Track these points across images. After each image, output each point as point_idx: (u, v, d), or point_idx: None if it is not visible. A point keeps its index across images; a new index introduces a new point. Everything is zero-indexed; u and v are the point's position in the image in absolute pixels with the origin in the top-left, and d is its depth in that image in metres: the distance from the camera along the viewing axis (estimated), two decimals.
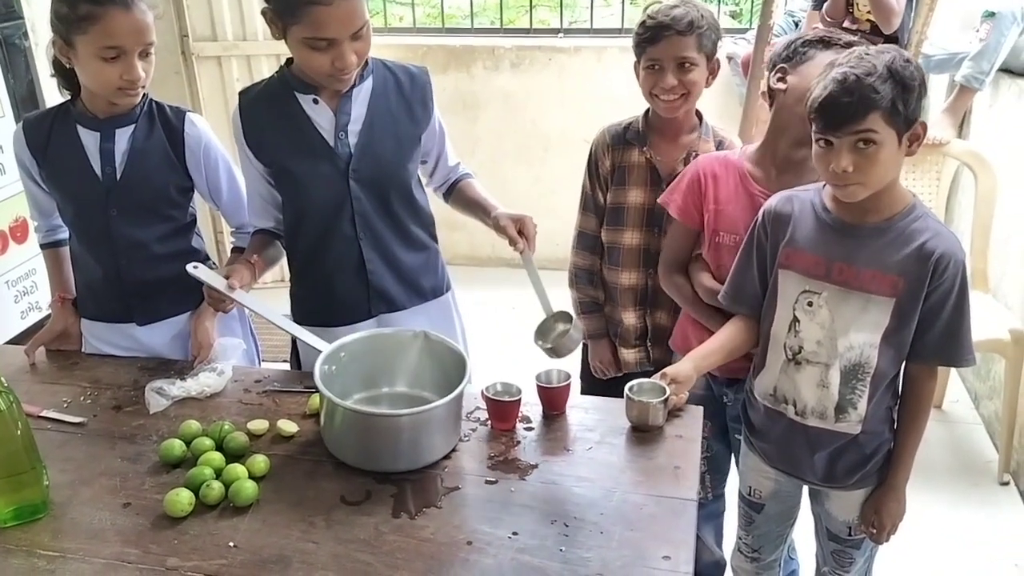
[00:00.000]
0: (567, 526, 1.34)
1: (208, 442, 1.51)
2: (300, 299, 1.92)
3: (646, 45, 1.86)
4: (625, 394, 1.57)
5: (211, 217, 3.77)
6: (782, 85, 1.71)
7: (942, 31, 3.38)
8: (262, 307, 1.69)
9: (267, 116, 1.75)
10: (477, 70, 4.14)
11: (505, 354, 2.51)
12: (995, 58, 3.02)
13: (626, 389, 1.57)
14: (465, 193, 1.92)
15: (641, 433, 1.56)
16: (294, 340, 1.92)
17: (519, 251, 1.69)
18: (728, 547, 2.11)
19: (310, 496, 1.42)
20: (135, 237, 1.80)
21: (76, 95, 1.78)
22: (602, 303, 2.11)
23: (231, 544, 1.32)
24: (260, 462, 1.47)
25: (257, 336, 2.11)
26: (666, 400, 1.55)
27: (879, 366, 1.54)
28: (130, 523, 1.38)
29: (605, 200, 2.03)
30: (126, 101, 1.72)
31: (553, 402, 1.63)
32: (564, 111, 4.04)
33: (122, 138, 1.76)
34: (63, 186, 1.81)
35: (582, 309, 2.12)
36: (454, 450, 1.53)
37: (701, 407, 1.64)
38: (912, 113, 1.43)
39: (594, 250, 2.08)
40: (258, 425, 1.59)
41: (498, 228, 1.72)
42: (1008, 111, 3.10)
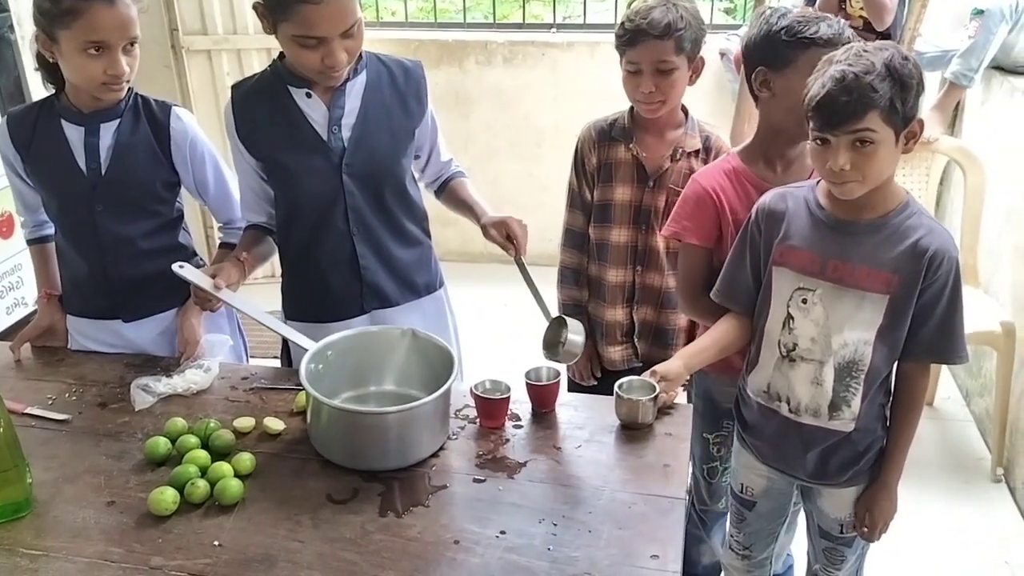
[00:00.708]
0: (555, 525, 1.33)
1: (194, 440, 1.50)
2: (292, 294, 1.91)
3: (625, 48, 1.84)
4: (615, 392, 1.56)
5: (201, 212, 3.75)
6: (767, 93, 1.66)
7: (935, 28, 3.38)
8: (249, 306, 1.68)
9: (260, 110, 1.74)
10: (470, 65, 4.12)
11: (497, 351, 2.50)
12: (984, 55, 3.02)
13: (616, 387, 1.57)
14: (456, 193, 1.91)
15: (630, 431, 1.55)
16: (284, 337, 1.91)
17: (512, 256, 1.68)
18: None
19: (296, 495, 1.41)
20: (121, 233, 1.79)
21: (60, 89, 1.76)
22: (585, 305, 2.10)
23: (216, 543, 1.31)
24: (246, 460, 1.45)
25: (245, 333, 2.09)
26: (656, 398, 1.54)
27: (873, 363, 1.54)
28: (114, 522, 1.36)
29: (592, 197, 2.02)
30: (110, 96, 1.70)
31: (542, 400, 1.62)
32: (557, 106, 4.02)
33: (107, 133, 1.74)
34: (48, 182, 1.79)
35: (564, 312, 2.10)
36: (442, 448, 1.52)
37: (691, 405, 1.63)
38: (910, 111, 1.42)
39: (582, 248, 2.07)
40: (244, 423, 1.57)
41: (487, 237, 1.72)
42: (1000, 108, 3.10)
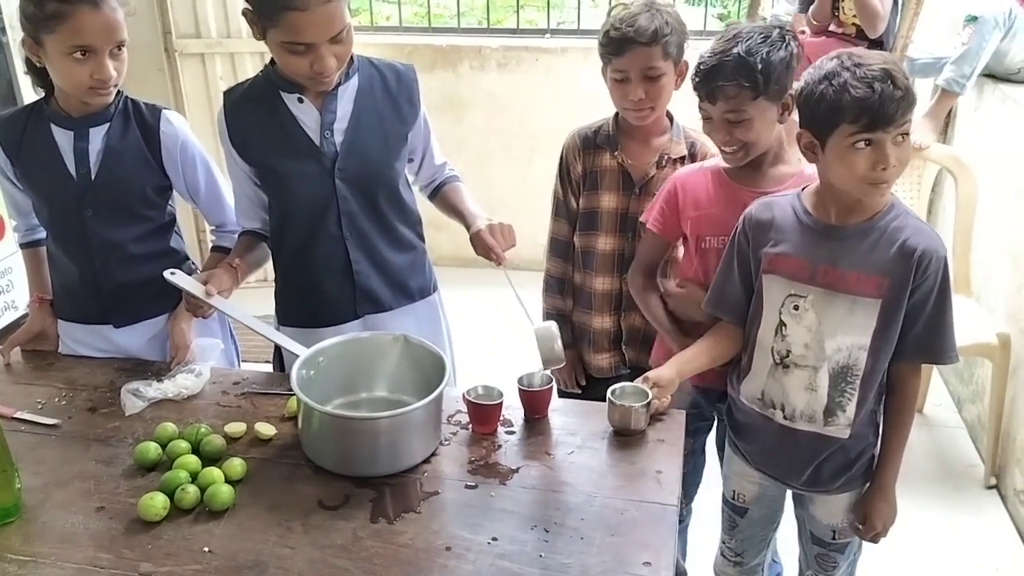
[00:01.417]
0: (547, 531, 1.33)
1: (184, 445, 1.49)
2: (286, 299, 1.90)
3: (611, 56, 1.83)
4: (607, 398, 1.56)
5: (193, 216, 3.74)
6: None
7: (927, 35, 3.39)
8: (240, 313, 1.67)
9: (252, 116, 1.73)
10: (464, 70, 4.12)
11: (490, 356, 2.50)
12: (976, 62, 3.03)
13: (608, 393, 1.56)
14: (449, 198, 1.90)
15: (623, 437, 1.55)
16: None
17: (497, 265, 1.67)
18: (694, 559, 2.12)
19: (287, 500, 1.41)
20: (111, 238, 1.78)
21: (50, 93, 1.75)
22: (569, 314, 2.09)
23: (206, 549, 1.30)
24: (237, 466, 1.45)
25: (237, 338, 2.08)
26: (648, 404, 1.54)
27: (868, 368, 1.54)
28: (103, 527, 1.35)
29: (577, 205, 2.01)
30: (98, 100, 1.69)
31: (534, 406, 1.62)
32: (551, 111, 4.03)
33: (96, 137, 1.73)
34: (37, 186, 1.78)
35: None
36: (434, 454, 1.51)
37: (684, 411, 1.63)
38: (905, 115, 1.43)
39: (567, 257, 2.06)
40: (235, 428, 1.56)
41: (475, 244, 1.71)
42: (992, 116, 3.12)
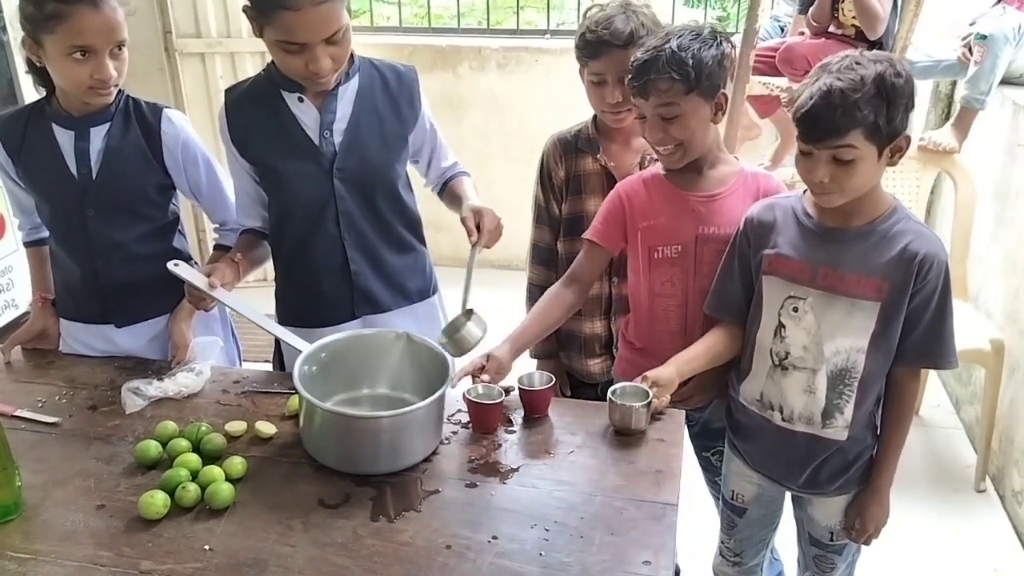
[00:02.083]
0: (547, 530, 1.33)
1: (184, 443, 1.50)
2: (284, 298, 1.90)
3: (587, 59, 1.82)
4: (608, 397, 1.56)
5: (193, 215, 3.74)
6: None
7: (927, 37, 3.40)
8: (243, 306, 1.67)
9: (252, 114, 1.74)
10: (463, 70, 4.13)
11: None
12: (992, 78, 3.04)
13: (609, 392, 1.57)
14: (452, 190, 1.91)
15: (623, 437, 1.55)
16: (277, 340, 1.90)
17: (472, 243, 1.67)
18: (693, 557, 2.12)
19: (288, 499, 1.41)
20: (113, 238, 1.78)
21: (51, 93, 1.75)
22: None
23: (206, 547, 1.30)
24: (237, 464, 1.45)
25: (239, 337, 2.08)
26: (649, 404, 1.54)
27: (866, 371, 1.54)
28: (104, 525, 1.35)
29: (560, 211, 1.99)
30: (98, 100, 1.69)
31: (535, 405, 1.62)
32: (550, 112, 4.00)
33: (97, 137, 1.73)
34: (39, 186, 1.78)
35: None
36: (435, 453, 1.51)
37: (683, 411, 1.63)
38: (896, 128, 1.42)
39: (550, 264, 2.04)
40: (236, 426, 1.57)
41: (462, 220, 1.71)
42: (994, 118, 3.12)
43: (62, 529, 1.35)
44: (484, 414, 1.58)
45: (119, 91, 1.73)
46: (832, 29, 3.44)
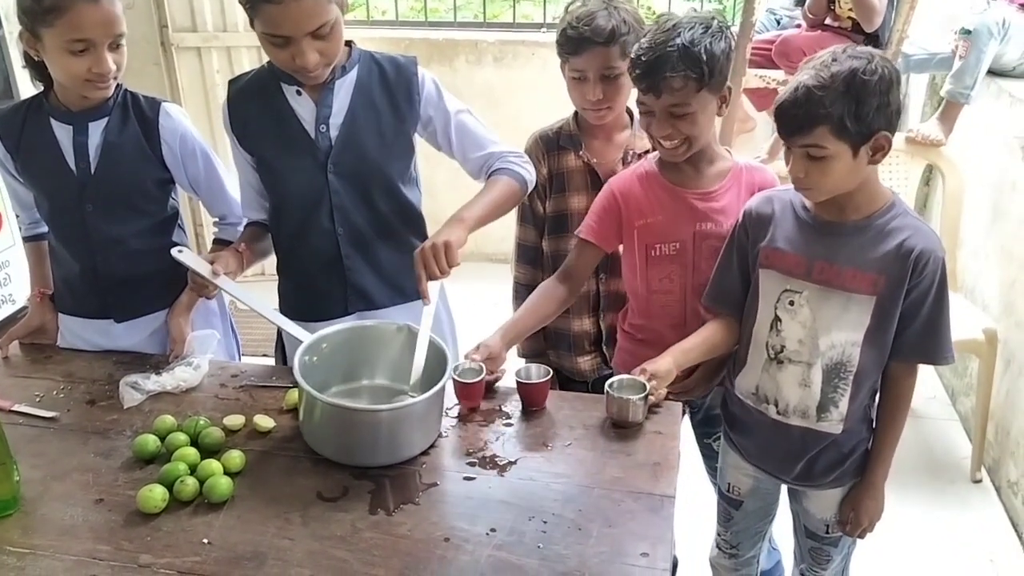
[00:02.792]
0: (545, 523, 1.34)
1: (183, 437, 1.50)
2: (282, 291, 1.91)
3: (568, 55, 1.81)
4: (605, 390, 1.57)
5: (191, 211, 3.74)
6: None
7: (923, 31, 3.40)
8: (246, 295, 1.67)
9: (252, 106, 1.74)
10: (460, 64, 4.12)
11: None
12: (977, 72, 3.05)
13: (607, 385, 1.57)
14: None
15: (620, 429, 1.56)
16: (279, 333, 1.90)
17: (424, 303, 1.58)
18: (690, 549, 2.12)
19: (286, 492, 1.41)
20: (112, 233, 1.77)
21: (49, 87, 1.74)
22: None
23: (205, 541, 1.31)
24: (235, 458, 1.45)
25: (237, 330, 2.08)
26: (646, 397, 1.54)
27: (861, 365, 1.54)
28: (102, 519, 1.36)
29: (544, 209, 1.98)
30: (96, 94, 1.68)
31: (532, 398, 1.62)
32: (547, 106, 3.98)
33: (95, 132, 1.72)
34: (38, 181, 1.78)
35: None
36: (433, 446, 1.52)
37: (680, 403, 1.64)
38: (869, 126, 1.41)
39: (535, 263, 2.03)
40: (234, 420, 1.57)
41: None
42: (987, 109, 3.12)
43: (61, 523, 1.35)
44: (466, 391, 1.59)
45: (117, 85, 1.72)
46: (829, 21, 3.44)
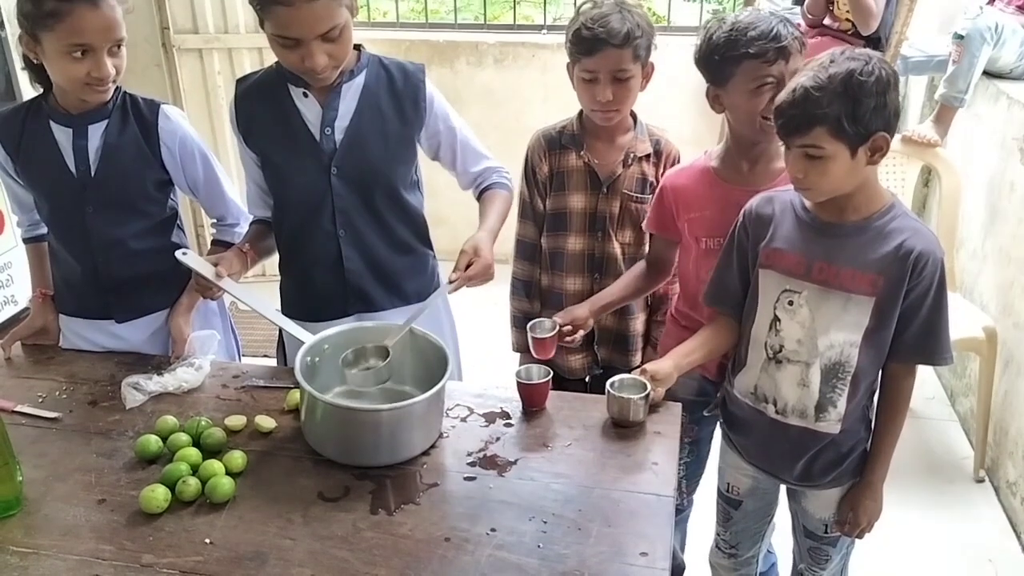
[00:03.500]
0: (545, 523, 1.34)
1: (185, 438, 1.50)
2: (284, 291, 1.92)
3: (581, 56, 1.81)
4: (606, 390, 1.57)
5: (191, 211, 3.74)
6: (719, 107, 1.71)
7: (922, 33, 3.41)
8: (249, 296, 1.67)
9: (259, 106, 1.75)
10: (460, 66, 4.13)
11: (488, 350, 2.50)
12: (970, 77, 3.06)
13: (607, 385, 1.58)
14: (482, 204, 1.85)
15: (620, 429, 1.56)
16: (281, 334, 1.91)
17: (449, 279, 1.64)
18: (692, 550, 2.13)
19: (288, 492, 1.42)
20: (112, 234, 1.78)
21: (48, 90, 1.74)
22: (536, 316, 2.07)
23: (207, 541, 1.32)
24: (237, 458, 1.46)
25: (237, 331, 2.09)
26: (647, 396, 1.55)
27: (859, 365, 1.55)
28: (105, 519, 1.36)
29: (544, 206, 1.99)
30: (96, 98, 1.68)
31: (533, 398, 1.63)
32: (547, 107, 4.02)
33: (95, 134, 1.73)
34: (38, 183, 1.78)
35: (514, 323, 2.10)
36: (433, 446, 1.52)
37: (680, 404, 1.64)
38: (867, 127, 1.41)
39: (533, 259, 2.05)
40: (236, 421, 1.57)
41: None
42: (985, 110, 3.13)
43: (63, 524, 1.36)
44: (541, 345, 1.74)
45: (116, 88, 1.73)
46: (827, 22, 3.44)
